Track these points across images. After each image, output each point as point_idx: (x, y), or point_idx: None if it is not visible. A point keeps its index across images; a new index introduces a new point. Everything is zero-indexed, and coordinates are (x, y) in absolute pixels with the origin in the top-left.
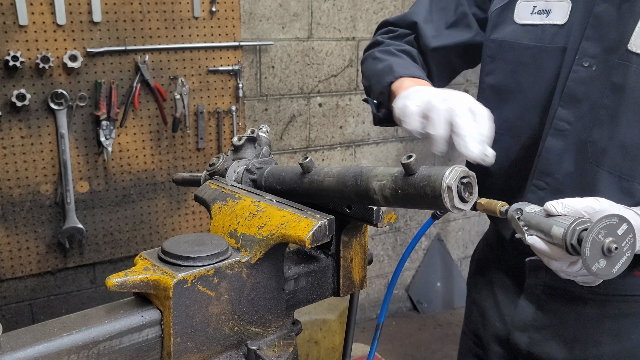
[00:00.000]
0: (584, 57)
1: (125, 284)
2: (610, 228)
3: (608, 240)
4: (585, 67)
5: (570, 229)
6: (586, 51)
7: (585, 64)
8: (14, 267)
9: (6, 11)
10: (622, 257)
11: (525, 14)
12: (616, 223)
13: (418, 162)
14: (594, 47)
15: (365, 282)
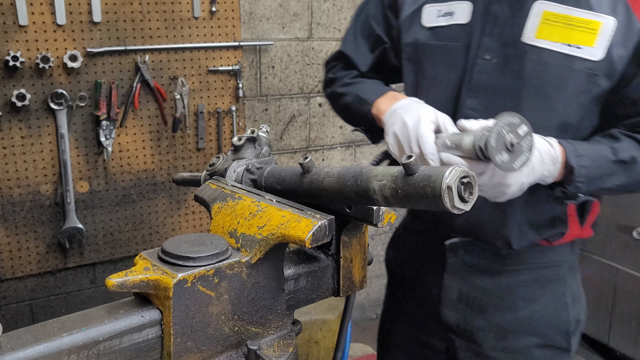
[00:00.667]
0: (485, 51)
1: (125, 284)
2: (513, 126)
3: (510, 136)
4: (487, 60)
5: (480, 134)
6: (487, 46)
7: (487, 57)
8: (14, 267)
9: (6, 11)
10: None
11: (432, 17)
12: (517, 122)
13: (418, 162)
14: (493, 42)
15: (365, 282)
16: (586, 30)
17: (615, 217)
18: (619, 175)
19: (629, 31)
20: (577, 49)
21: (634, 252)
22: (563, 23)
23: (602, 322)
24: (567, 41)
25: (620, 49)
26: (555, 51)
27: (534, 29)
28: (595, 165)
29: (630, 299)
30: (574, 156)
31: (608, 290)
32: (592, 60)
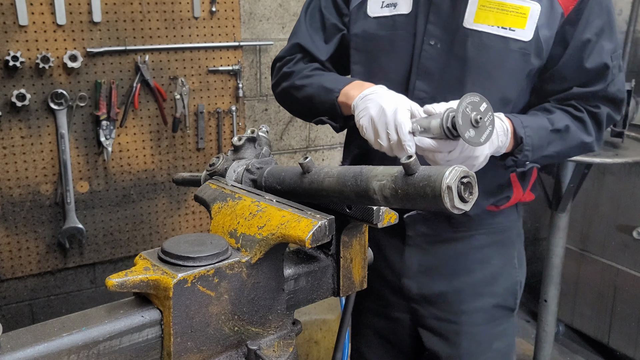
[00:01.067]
0: (430, 37)
1: (125, 284)
2: (474, 105)
3: (474, 113)
4: (432, 46)
5: (445, 115)
6: (431, 33)
7: (432, 43)
8: (14, 267)
9: (6, 11)
10: (486, 130)
11: (376, 8)
12: (478, 101)
13: (418, 162)
14: (437, 29)
15: (365, 282)
16: (517, 14)
17: (615, 217)
18: (557, 142)
19: (551, 15)
20: (511, 31)
21: (634, 252)
22: (497, 8)
23: (602, 322)
24: (502, 24)
25: (545, 30)
26: (492, 34)
27: (472, 14)
28: (538, 135)
29: (630, 299)
30: (520, 127)
31: (608, 290)
32: (523, 40)
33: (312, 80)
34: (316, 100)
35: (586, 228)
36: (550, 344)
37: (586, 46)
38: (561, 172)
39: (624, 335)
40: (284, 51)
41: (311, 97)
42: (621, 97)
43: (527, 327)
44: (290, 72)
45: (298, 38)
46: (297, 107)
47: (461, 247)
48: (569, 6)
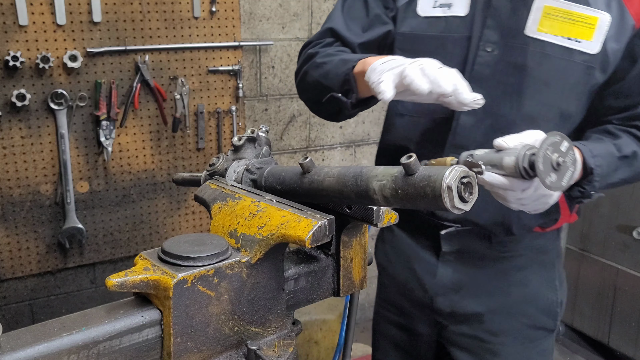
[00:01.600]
0: (486, 43)
1: (125, 284)
2: (555, 145)
3: (555, 155)
4: (489, 52)
5: (522, 155)
6: (488, 38)
7: (488, 49)
8: (14, 267)
9: (6, 11)
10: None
11: (428, 7)
12: (559, 140)
13: (418, 162)
14: (495, 34)
15: (365, 282)
16: (585, 25)
17: (615, 217)
18: (623, 170)
19: (622, 27)
20: (576, 43)
21: (634, 252)
22: (563, 17)
23: (602, 322)
24: (567, 35)
25: (614, 43)
26: (556, 44)
27: (536, 22)
28: (607, 164)
29: (630, 299)
30: (590, 157)
31: (608, 290)
32: (589, 53)
33: (334, 57)
34: (332, 75)
35: (586, 228)
36: None
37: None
38: None
39: (624, 335)
40: (314, 36)
41: (327, 73)
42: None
43: None
44: (314, 52)
45: (331, 23)
46: (312, 92)
47: (500, 267)
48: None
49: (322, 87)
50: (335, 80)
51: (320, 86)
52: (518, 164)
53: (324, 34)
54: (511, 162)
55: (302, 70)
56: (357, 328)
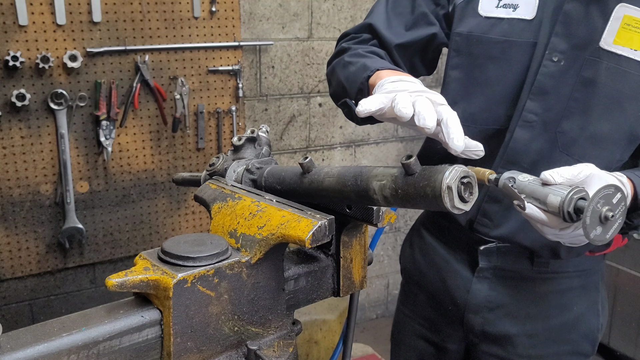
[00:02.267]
0: (553, 52)
1: (125, 284)
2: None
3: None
4: (555, 62)
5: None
6: (556, 47)
7: (554, 59)
8: (14, 267)
9: (6, 11)
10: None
11: (490, 7)
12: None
13: (418, 162)
14: (563, 43)
15: (365, 282)
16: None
17: None
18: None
19: None
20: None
21: (634, 252)
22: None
23: None
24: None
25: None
26: (634, 59)
27: (613, 33)
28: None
29: (630, 300)
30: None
31: (608, 291)
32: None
33: (362, 59)
34: (351, 79)
35: None
36: None
37: None
38: None
39: (624, 335)
40: (352, 28)
41: (348, 76)
42: None
43: None
44: (347, 47)
45: (371, 18)
46: (336, 90)
47: (540, 288)
48: None
49: (342, 89)
50: (353, 86)
51: (341, 87)
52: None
53: (362, 29)
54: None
55: (332, 64)
56: (357, 328)
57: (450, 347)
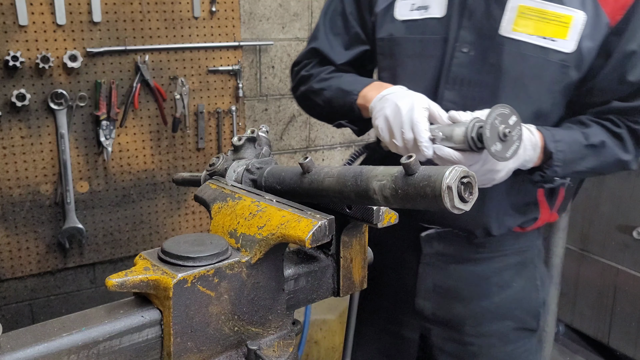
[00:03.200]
0: (463, 44)
1: (125, 284)
2: (504, 117)
3: (502, 126)
4: (465, 53)
5: (471, 125)
6: (464, 39)
7: (464, 50)
8: (13, 267)
9: (6, 11)
10: (513, 144)
11: (405, 11)
12: (508, 113)
13: (418, 162)
14: (470, 35)
15: (365, 282)
16: (559, 23)
17: (615, 217)
18: (591, 158)
19: (596, 25)
20: (551, 42)
21: (634, 252)
22: (538, 16)
23: (602, 322)
24: (542, 34)
25: (588, 41)
26: (531, 43)
27: (511, 22)
28: (570, 150)
29: (630, 299)
30: (552, 141)
31: (608, 291)
32: (564, 52)
33: (330, 82)
34: (335, 104)
35: (586, 228)
36: (550, 344)
37: (630, 58)
38: None
39: (624, 335)
40: (301, 55)
41: (330, 101)
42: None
43: None
44: (308, 75)
45: (316, 43)
46: (318, 111)
47: (480, 268)
48: (615, 15)
49: (327, 113)
50: (340, 110)
51: (325, 111)
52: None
53: (309, 54)
54: (461, 132)
55: (300, 90)
56: None
57: (408, 335)
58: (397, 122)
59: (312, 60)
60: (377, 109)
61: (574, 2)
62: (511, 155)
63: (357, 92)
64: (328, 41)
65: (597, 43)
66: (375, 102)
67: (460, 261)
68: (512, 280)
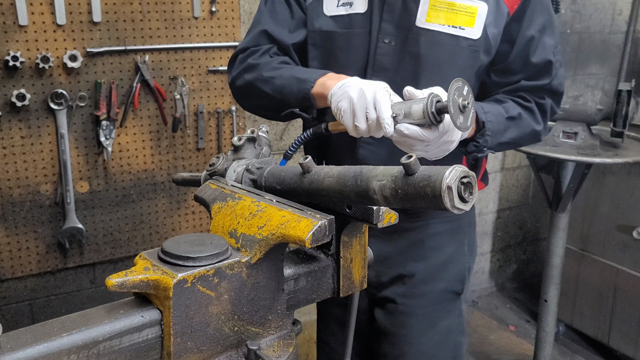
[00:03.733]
0: (384, 35)
1: (125, 284)
2: (459, 90)
3: (460, 99)
4: (387, 43)
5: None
6: (385, 31)
7: (386, 41)
8: (14, 267)
9: (6, 11)
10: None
11: (332, 7)
12: (462, 85)
13: (418, 162)
14: (391, 27)
15: (365, 282)
16: (467, 14)
17: (615, 217)
18: (512, 129)
19: (498, 14)
20: (461, 30)
21: (634, 252)
22: (447, 8)
23: (602, 322)
24: (452, 23)
25: (492, 28)
26: (443, 32)
27: (424, 14)
28: (497, 121)
29: (630, 299)
30: (482, 112)
31: (608, 290)
32: (473, 38)
33: (282, 72)
34: (287, 91)
35: (586, 228)
36: (550, 344)
37: (531, 42)
38: (561, 172)
39: (624, 335)
40: (247, 42)
41: (281, 89)
42: (562, 90)
43: (527, 327)
44: (256, 63)
45: (264, 26)
46: (263, 102)
47: (416, 235)
48: (513, 5)
49: (277, 101)
50: (292, 98)
51: (274, 100)
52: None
53: (257, 39)
54: (419, 109)
55: (244, 79)
56: None
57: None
58: (361, 103)
59: (260, 47)
60: (338, 94)
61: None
62: (471, 123)
63: (313, 80)
64: (275, 23)
65: (500, 29)
66: (336, 89)
67: (399, 231)
68: (445, 244)
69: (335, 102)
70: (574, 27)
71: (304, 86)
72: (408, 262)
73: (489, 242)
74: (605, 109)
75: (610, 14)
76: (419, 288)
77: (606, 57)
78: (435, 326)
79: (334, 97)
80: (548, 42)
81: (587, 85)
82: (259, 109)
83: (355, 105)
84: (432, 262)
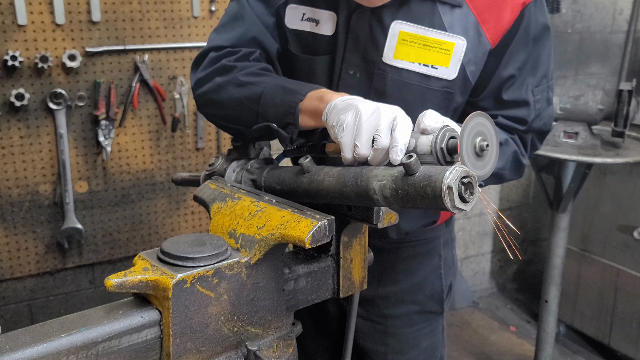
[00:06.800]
0: (349, 65)
1: (124, 284)
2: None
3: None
4: (351, 75)
5: (441, 133)
6: (350, 61)
7: (350, 72)
8: (12, 267)
9: (5, 11)
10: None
11: (296, 20)
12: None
13: (418, 162)
14: (356, 58)
15: (365, 282)
16: (440, 50)
17: (615, 218)
18: (500, 157)
19: (478, 50)
20: (433, 69)
21: (634, 253)
22: (419, 44)
23: (603, 322)
24: (423, 61)
25: (472, 66)
26: (413, 71)
27: (392, 49)
28: None
29: (631, 300)
30: None
31: (609, 291)
32: (447, 79)
33: (264, 79)
34: (267, 101)
35: (587, 228)
36: (550, 345)
37: (508, 81)
38: (562, 172)
39: (624, 336)
40: (222, 40)
41: (259, 97)
42: (547, 130)
43: (528, 328)
44: (232, 65)
45: (247, 28)
46: (232, 112)
47: (389, 257)
48: (495, 40)
49: (250, 112)
50: (271, 109)
51: (247, 110)
52: (435, 145)
53: (240, 40)
54: (427, 141)
55: (215, 82)
56: None
57: (330, 310)
58: (371, 122)
59: (240, 50)
60: (341, 106)
61: (456, 28)
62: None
63: (304, 93)
64: (260, 24)
65: (480, 66)
66: (339, 102)
67: (373, 251)
68: (417, 269)
69: (336, 115)
70: (574, 27)
71: (291, 97)
72: (379, 284)
73: (490, 242)
74: (606, 108)
75: (611, 13)
76: (391, 310)
77: (607, 57)
78: (417, 346)
79: (335, 109)
80: (529, 80)
81: (588, 85)
82: (225, 120)
83: (363, 123)
84: (402, 286)
